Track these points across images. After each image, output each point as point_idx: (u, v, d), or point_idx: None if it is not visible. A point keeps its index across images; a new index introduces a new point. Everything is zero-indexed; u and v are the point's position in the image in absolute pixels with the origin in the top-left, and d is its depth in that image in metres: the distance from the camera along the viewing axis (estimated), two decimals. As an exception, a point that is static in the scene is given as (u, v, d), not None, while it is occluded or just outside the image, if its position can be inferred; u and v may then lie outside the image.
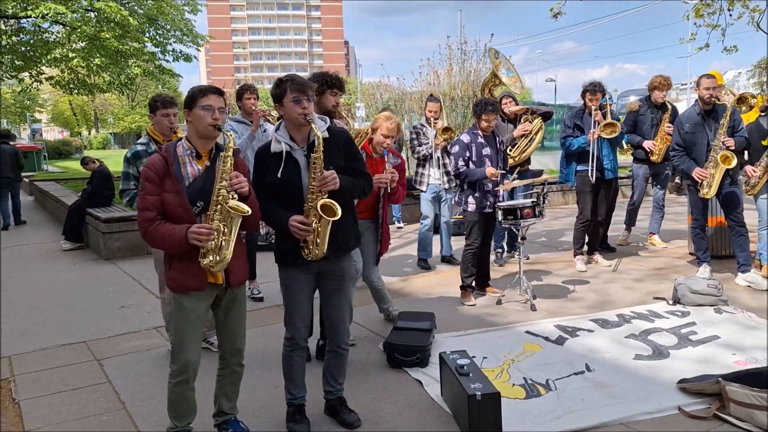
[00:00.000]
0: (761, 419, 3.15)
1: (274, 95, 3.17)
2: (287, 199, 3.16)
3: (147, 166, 2.89)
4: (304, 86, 3.10)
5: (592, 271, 6.59)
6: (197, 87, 2.97)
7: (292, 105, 3.08)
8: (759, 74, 18.23)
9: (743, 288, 5.74)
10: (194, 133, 2.95)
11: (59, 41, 15.39)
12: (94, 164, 9.86)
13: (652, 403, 3.50)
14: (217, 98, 2.93)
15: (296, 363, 3.35)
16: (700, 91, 5.86)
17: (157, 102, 4.34)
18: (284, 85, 3.10)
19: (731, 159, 5.60)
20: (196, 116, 2.89)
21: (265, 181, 3.16)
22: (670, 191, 13.14)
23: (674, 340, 4.50)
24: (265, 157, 3.20)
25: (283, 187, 3.15)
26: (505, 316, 5.20)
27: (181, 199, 2.86)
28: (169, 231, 2.83)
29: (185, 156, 2.94)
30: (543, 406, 3.53)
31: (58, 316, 5.60)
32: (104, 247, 8.10)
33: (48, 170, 23.16)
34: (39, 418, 3.60)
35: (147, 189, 2.87)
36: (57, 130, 64.31)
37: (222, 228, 2.84)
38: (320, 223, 3.08)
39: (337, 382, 3.46)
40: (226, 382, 3.19)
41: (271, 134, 4.14)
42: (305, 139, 3.18)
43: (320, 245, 3.13)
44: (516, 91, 7.68)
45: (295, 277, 3.27)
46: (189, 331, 2.97)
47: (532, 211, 5.24)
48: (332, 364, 3.45)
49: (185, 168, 2.92)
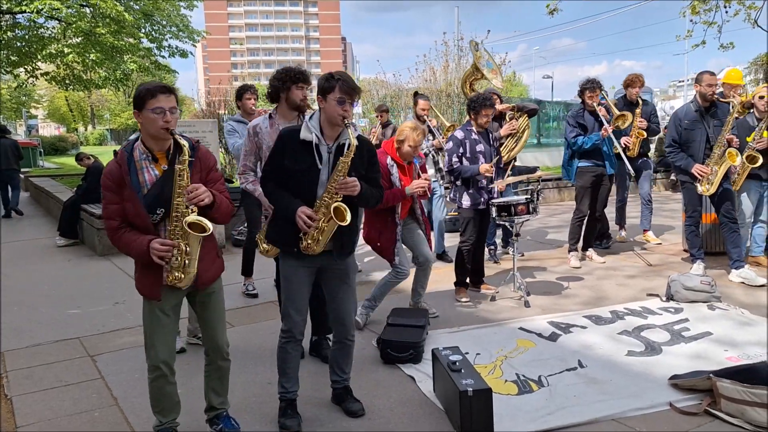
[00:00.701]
0: (752, 415, 3.16)
1: (321, 87, 3.17)
2: (299, 188, 3.18)
3: (105, 175, 2.84)
4: (353, 90, 3.14)
5: (586, 268, 6.60)
6: (145, 86, 2.82)
7: (335, 104, 3.10)
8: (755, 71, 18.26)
9: (736, 285, 5.76)
10: (147, 135, 2.85)
11: (54, 37, 15.36)
12: (89, 160, 9.83)
13: (643, 399, 3.51)
14: (168, 98, 2.79)
15: (291, 356, 3.37)
16: (702, 88, 5.85)
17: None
18: (334, 83, 3.12)
19: (735, 155, 5.61)
20: (147, 119, 2.78)
21: (282, 163, 3.17)
22: (666, 188, 13.18)
23: (667, 336, 4.51)
24: (289, 140, 3.20)
25: (300, 176, 3.17)
26: (499, 312, 5.21)
27: (137, 209, 2.79)
28: (131, 240, 2.81)
29: (142, 161, 2.85)
30: (535, 402, 3.53)
31: (52, 312, 5.59)
32: (99, 243, 8.09)
33: (44, 166, 23.11)
34: (31, 414, 3.60)
35: (107, 198, 2.83)
36: (53, 126, 64.18)
37: (183, 247, 2.81)
38: (328, 224, 3.12)
39: (344, 371, 3.55)
40: (213, 377, 3.19)
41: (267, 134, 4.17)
42: (333, 137, 3.21)
43: (320, 243, 3.16)
44: (497, 84, 7.67)
45: (296, 270, 3.29)
46: (155, 329, 2.96)
47: (526, 207, 5.25)
48: (339, 356, 3.53)
49: (143, 174, 2.84)
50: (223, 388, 3.24)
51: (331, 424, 3.37)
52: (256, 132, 4.26)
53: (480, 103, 5.42)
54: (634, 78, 7.42)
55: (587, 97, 6.49)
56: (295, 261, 3.27)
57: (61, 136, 40.59)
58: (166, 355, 2.98)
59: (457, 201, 5.56)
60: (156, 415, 3.07)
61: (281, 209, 3.24)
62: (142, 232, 2.83)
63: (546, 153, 15.94)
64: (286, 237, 3.23)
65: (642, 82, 7.44)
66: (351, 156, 3.09)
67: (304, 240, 3.16)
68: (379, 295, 4.95)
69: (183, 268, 2.83)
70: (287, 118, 4.22)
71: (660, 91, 53.53)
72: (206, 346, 3.18)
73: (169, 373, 2.99)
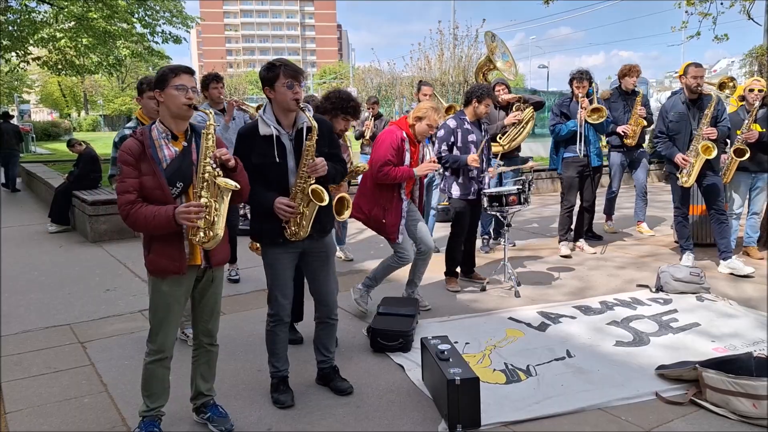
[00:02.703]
0: (736, 405, 3.19)
1: (264, 78, 3.19)
2: (271, 181, 3.24)
3: (123, 150, 2.86)
4: (297, 72, 3.15)
5: (577, 258, 6.63)
6: (167, 66, 2.93)
7: (284, 90, 3.11)
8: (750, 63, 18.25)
9: (725, 276, 5.80)
10: (167, 114, 2.90)
11: (46, 21, 15.20)
12: (81, 147, 9.78)
13: (630, 389, 3.54)
14: (189, 78, 2.90)
15: (279, 338, 3.48)
16: (687, 80, 5.86)
17: (144, 84, 4.23)
18: (277, 70, 3.14)
19: (711, 150, 5.63)
20: (170, 96, 2.84)
21: (249, 162, 3.16)
22: (659, 179, 13.22)
23: (655, 327, 4.54)
24: (250, 139, 3.24)
25: (269, 170, 3.22)
26: (489, 302, 5.23)
27: (159, 181, 2.83)
28: (153, 212, 2.79)
29: (160, 139, 2.90)
30: (522, 392, 3.56)
31: (42, 299, 5.58)
32: (90, 230, 8.07)
33: (36, 152, 22.96)
34: (20, 400, 3.60)
35: (125, 172, 2.85)
36: (46, 112, 63.66)
37: (212, 203, 2.84)
38: (308, 207, 3.22)
39: (329, 351, 3.64)
40: (201, 362, 3.21)
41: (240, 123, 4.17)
42: (291, 125, 3.25)
43: (304, 227, 3.27)
44: (510, 77, 7.68)
45: (279, 257, 3.37)
46: (166, 315, 2.99)
47: (517, 198, 5.25)
48: (323, 335, 3.63)
49: (161, 151, 2.88)
50: (211, 373, 3.27)
51: (319, 413, 3.38)
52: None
53: (484, 91, 5.41)
54: (630, 68, 7.43)
55: (575, 86, 6.51)
56: (278, 248, 3.36)
57: (53, 122, 40.28)
58: (170, 343, 3.05)
59: (447, 191, 5.56)
60: (144, 399, 3.07)
61: (258, 205, 3.31)
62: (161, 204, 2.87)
63: (540, 143, 15.93)
64: (270, 230, 3.31)
65: (638, 72, 7.44)
66: (315, 138, 3.16)
67: (288, 228, 3.26)
68: (379, 277, 4.92)
69: (211, 226, 2.84)
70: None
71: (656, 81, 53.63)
72: (196, 331, 3.19)
73: (168, 359, 3.06)
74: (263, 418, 3.34)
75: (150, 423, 3.06)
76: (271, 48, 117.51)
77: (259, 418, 3.33)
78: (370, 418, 3.33)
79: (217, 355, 3.27)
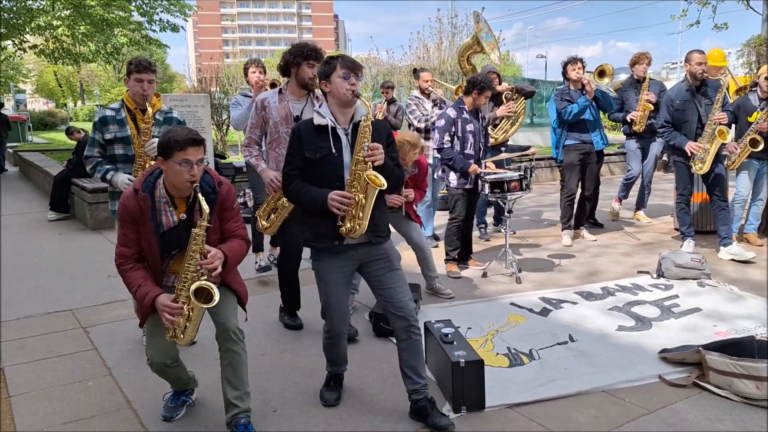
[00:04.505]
0: (739, 387, 3.21)
1: (321, 72, 3.06)
2: (325, 176, 3.00)
3: (123, 207, 2.82)
4: (355, 64, 3.03)
5: (579, 246, 6.63)
6: (173, 136, 2.73)
7: (341, 81, 2.96)
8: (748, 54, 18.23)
9: (726, 262, 5.81)
10: (170, 183, 2.82)
11: (43, 9, 15.07)
12: (79, 134, 9.76)
13: (633, 372, 3.55)
14: (197, 150, 2.74)
15: (338, 350, 3.33)
16: (691, 67, 5.84)
17: (132, 65, 3.97)
18: (334, 62, 3.01)
19: (726, 134, 5.64)
20: (172, 170, 2.74)
21: (301, 157, 3.01)
22: (658, 169, 13.22)
23: (657, 311, 4.56)
24: (304, 131, 3.04)
25: (323, 163, 3.00)
26: (491, 288, 5.24)
27: (153, 251, 2.86)
28: (136, 285, 2.82)
29: (161, 203, 2.84)
30: (526, 374, 3.58)
31: (44, 285, 5.57)
32: (90, 218, 8.04)
33: (33, 141, 22.86)
34: (24, 384, 3.60)
35: (125, 228, 2.85)
36: (42, 102, 63.35)
37: (187, 312, 2.79)
38: (366, 194, 2.94)
39: (420, 375, 3.09)
40: (224, 364, 2.97)
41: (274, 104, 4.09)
42: (348, 121, 3.05)
43: (362, 220, 2.95)
44: (494, 59, 7.63)
45: (333, 271, 3.10)
46: (151, 331, 2.97)
47: (519, 184, 5.25)
48: (407, 355, 3.10)
49: (160, 216, 2.85)
50: (238, 378, 2.96)
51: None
52: (264, 106, 4.17)
53: (487, 84, 5.41)
54: (640, 56, 7.40)
55: (570, 69, 6.48)
56: (331, 260, 3.08)
57: (50, 111, 40.06)
58: (158, 358, 2.96)
59: (445, 180, 5.59)
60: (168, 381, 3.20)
61: (309, 203, 3.01)
62: (150, 266, 2.92)
63: (538, 133, 15.94)
64: (325, 232, 3.02)
65: (649, 60, 7.42)
66: (370, 120, 2.97)
67: (344, 224, 2.96)
68: None
69: (183, 330, 2.82)
70: (296, 95, 4.17)
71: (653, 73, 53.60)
72: (216, 333, 2.99)
73: (167, 370, 3.03)
74: (268, 400, 3.34)
75: (177, 392, 3.24)
76: (268, 38, 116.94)
77: (264, 401, 3.33)
78: (374, 400, 3.34)
79: (241, 357, 2.98)
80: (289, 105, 4.15)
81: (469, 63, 7.65)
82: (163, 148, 2.75)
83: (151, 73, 3.97)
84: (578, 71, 6.42)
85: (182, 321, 2.79)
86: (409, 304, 3.08)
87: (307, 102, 4.18)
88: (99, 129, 4.06)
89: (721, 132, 5.64)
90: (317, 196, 2.97)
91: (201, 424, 3.14)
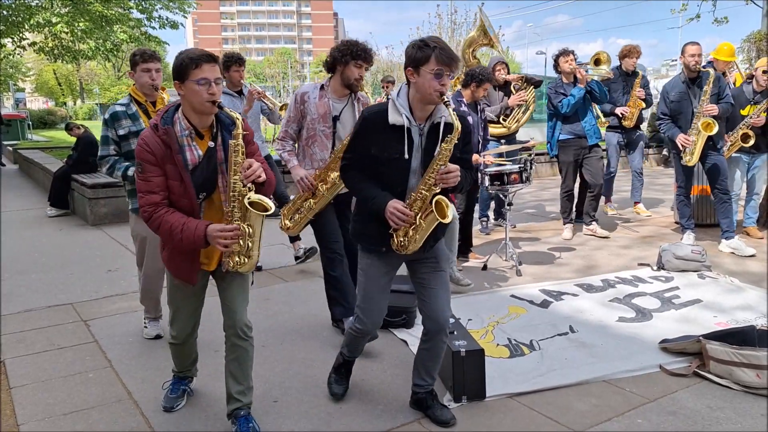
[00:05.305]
0: (740, 375, 3.21)
1: (412, 57, 2.67)
2: (388, 178, 2.76)
3: (143, 147, 2.59)
4: (452, 60, 2.63)
5: (579, 239, 6.63)
6: (187, 54, 2.59)
7: (430, 78, 2.60)
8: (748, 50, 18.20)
9: (726, 254, 5.81)
10: (190, 108, 2.63)
11: (42, 5, 15.06)
12: (79, 130, 9.74)
13: (634, 362, 3.55)
14: (212, 67, 2.58)
15: (360, 344, 3.25)
16: (685, 59, 5.85)
17: (137, 56, 3.86)
18: (429, 51, 2.61)
19: (712, 126, 5.62)
20: (190, 91, 2.56)
21: (366, 151, 2.75)
22: (658, 163, 13.22)
23: (657, 303, 4.56)
24: (375, 124, 2.73)
25: (389, 164, 2.74)
26: (491, 280, 5.23)
27: (188, 190, 2.61)
28: (181, 224, 2.57)
29: (183, 137, 2.63)
30: (526, 365, 3.58)
31: (44, 279, 5.57)
32: (90, 213, 8.04)
33: (32, 139, 22.87)
34: (25, 375, 3.60)
35: (148, 170, 2.60)
36: (41, 100, 63.35)
37: (246, 229, 2.60)
38: (425, 219, 2.70)
39: (431, 377, 3.05)
40: (230, 358, 2.88)
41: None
42: (425, 117, 2.74)
43: (416, 241, 2.75)
44: (498, 47, 7.64)
45: (374, 264, 2.91)
46: (181, 305, 2.95)
47: (519, 176, 5.25)
48: (427, 357, 3.01)
49: (184, 152, 2.63)
50: (243, 373, 2.89)
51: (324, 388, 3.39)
52: (303, 100, 3.97)
53: (486, 76, 5.40)
54: (631, 48, 7.40)
55: (562, 62, 6.46)
56: (377, 258, 2.91)
57: (49, 110, 40.10)
58: (189, 329, 3.01)
59: None
60: (175, 364, 3.22)
61: (365, 201, 2.80)
62: (184, 213, 2.64)
63: (537, 128, 15.91)
64: (373, 234, 2.84)
65: (639, 53, 7.42)
66: (455, 141, 2.64)
67: (396, 237, 2.77)
68: None
69: (247, 251, 2.64)
70: (338, 94, 3.96)
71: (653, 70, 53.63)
72: (224, 323, 2.89)
73: (187, 341, 3.06)
74: (269, 390, 3.34)
75: (177, 380, 3.23)
76: (267, 36, 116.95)
77: (264, 391, 3.33)
78: (375, 390, 3.34)
79: (248, 352, 2.89)
80: (330, 103, 3.94)
81: (474, 56, 7.65)
82: (177, 70, 2.59)
83: (157, 61, 3.89)
84: (570, 63, 6.41)
85: (244, 242, 2.61)
86: (447, 311, 2.94)
87: (347, 103, 3.99)
88: (111, 126, 3.86)
89: (707, 124, 5.63)
90: (377, 200, 2.73)
91: (201, 413, 3.14)
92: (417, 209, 2.71)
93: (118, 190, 7.92)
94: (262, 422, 2.97)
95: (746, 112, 6.11)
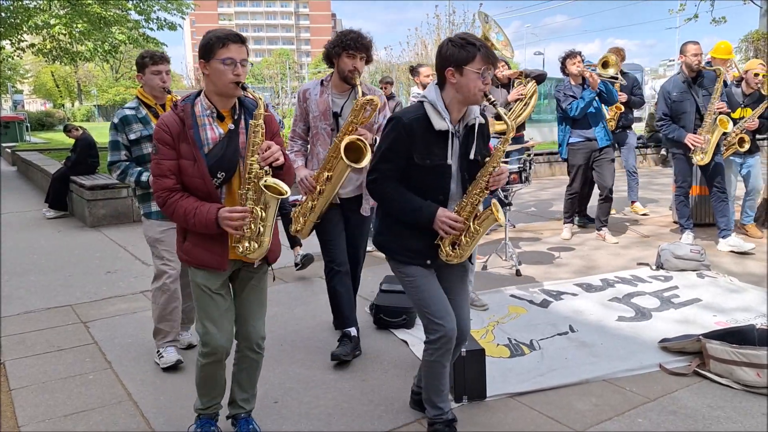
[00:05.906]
0: (740, 375, 3.21)
1: (454, 57, 2.53)
2: (430, 186, 2.64)
3: (161, 126, 2.53)
4: (496, 59, 2.59)
5: (578, 239, 6.64)
6: (214, 33, 2.51)
7: (476, 77, 2.50)
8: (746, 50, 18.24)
9: (725, 253, 5.82)
10: (212, 90, 2.55)
11: (40, 7, 15.06)
12: (78, 132, 9.74)
13: (634, 361, 3.56)
14: (239, 48, 2.49)
15: (453, 355, 2.86)
16: (687, 58, 5.85)
17: (146, 58, 3.74)
18: (474, 50, 2.50)
19: (727, 123, 5.66)
20: (215, 71, 2.48)
21: (407, 159, 2.59)
22: (656, 163, 13.24)
23: (657, 302, 4.56)
24: (418, 131, 2.57)
25: (432, 173, 2.62)
26: (490, 280, 5.24)
27: (200, 169, 2.50)
28: (193, 208, 2.48)
29: (204, 117, 2.55)
30: (527, 365, 3.58)
31: (43, 281, 5.57)
32: (89, 215, 8.04)
33: (31, 141, 22.86)
34: (25, 377, 3.59)
35: (162, 152, 2.51)
36: (39, 102, 63.33)
37: (259, 212, 2.50)
38: (482, 225, 2.62)
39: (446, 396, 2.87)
40: (239, 368, 2.82)
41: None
42: (458, 118, 2.65)
43: (468, 249, 2.67)
44: (507, 55, 7.61)
45: (418, 272, 2.70)
46: (210, 310, 2.63)
47: (518, 176, 5.25)
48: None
49: (204, 132, 2.54)
50: (249, 383, 2.86)
51: (324, 386, 3.39)
52: (305, 98, 3.82)
53: None
54: (615, 51, 7.39)
55: (569, 64, 6.43)
56: (420, 267, 2.71)
57: (47, 112, 40.13)
58: (224, 340, 2.66)
59: None
60: (200, 397, 2.84)
61: (408, 214, 2.63)
62: (200, 198, 2.53)
63: (536, 129, 15.92)
64: (419, 249, 2.68)
65: (622, 57, 7.42)
66: (507, 142, 2.60)
67: (443, 247, 2.66)
68: None
69: (257, 236, 2.53)
70: (338, 89, 3.74)
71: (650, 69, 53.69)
72: (237, 332, 2.77)
73: (224, 358, 2.72)
74: (269, 391, 3.34)
75: (206, 421, 2.84)
76: (265, 37, 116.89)
77: (264, 392, 3.33)
78: (376, 391, 3.33)
79: (258, 364, 2.85)
80: (330, 99, 3.74)
81: None
82: (204, 48, 2.51)
83: (167, 63, 3.79)
84: (578, 65, 6.40)
85: (255, 226, 2.50)
86: (468, 325, 2.88)
87: (348, 98, 3.72)
88: (122, 130, 3.71)
89: (722, 121, 5.65)
90: (424, 210, 2.59)
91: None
92: (466, 215, 2.63)
93: (116, 191, 7.93)
94: (263, 423, 2.96)
95: (737, 114, 6.12)
